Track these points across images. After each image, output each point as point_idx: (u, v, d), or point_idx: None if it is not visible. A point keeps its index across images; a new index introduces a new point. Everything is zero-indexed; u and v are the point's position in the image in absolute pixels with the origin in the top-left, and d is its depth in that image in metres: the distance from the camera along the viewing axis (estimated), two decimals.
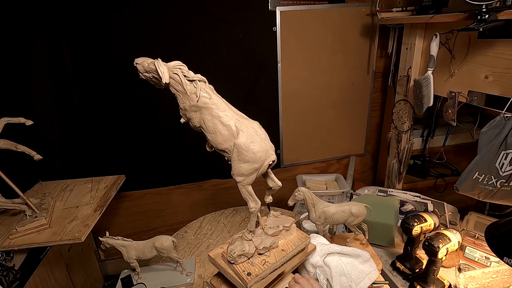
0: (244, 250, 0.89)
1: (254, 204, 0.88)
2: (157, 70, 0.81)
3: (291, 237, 0.98)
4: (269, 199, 0.98)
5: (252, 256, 0.91)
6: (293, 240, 0.97)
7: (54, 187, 1.68)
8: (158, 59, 0.84)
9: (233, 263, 0.88)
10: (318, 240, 1.08)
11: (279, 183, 0.94)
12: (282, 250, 0.94)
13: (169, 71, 0.82)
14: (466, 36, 1.36)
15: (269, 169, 0.90)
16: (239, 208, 1.64)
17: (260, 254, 0.92)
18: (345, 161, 2.43)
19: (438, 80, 1.52)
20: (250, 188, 0.87)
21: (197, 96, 0.82)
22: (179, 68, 0.83)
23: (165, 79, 0.80)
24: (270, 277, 0.90)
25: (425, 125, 2.04)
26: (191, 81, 0.83)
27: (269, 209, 1.04)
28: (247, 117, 0.87)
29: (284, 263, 0.93)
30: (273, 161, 0.85)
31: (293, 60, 1.99)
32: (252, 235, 0.94)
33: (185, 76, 0.82)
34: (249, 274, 0.86)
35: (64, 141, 1.83)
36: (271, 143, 0.85)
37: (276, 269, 0.91)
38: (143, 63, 0.87)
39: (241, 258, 0.89)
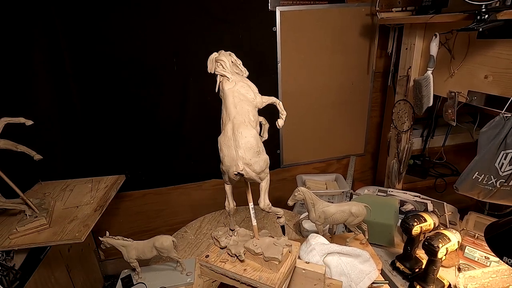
0: (218, 237, 0.95)
1: (226, 203, 0.94)
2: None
3: (265, 271, 0.90)
4: (279, 221, 0.97)
5: (223, 249, 0.96)
6: (262, 275, 0.88)
7: (54, 187, 1.68)
8: (217, 52, 0.96)
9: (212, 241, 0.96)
10: (318, 240, 1.08)
11: (263, 206, 0.90)
12: (244, 269, 0.91)
13: (215, 62, 0.95)
14: (466, 36, 1.36)
15: (262, 187, 0.89)
16: (239, 208, 1.64)
17: (228, 254, 0.94)
18: (345, 161, 2.43)
19: (438, 80, 1.52)
20: (227, 187, 0.93)
21: (217, 87, 0.93)
22: (218, 62, 0.94)
23: (208, 69, 0.96)
24: (217, 277, 0.94)
25: (425, 125, 2.04)
26: (217, 74, 0.94)
27: (283, 233, 1.01)
28: (247, 121, 0.86)
29: (236, 280, 0.91)
30: (239, 174, 0.82)
31: (293, 60, 2.00)
32: (235, 234, 0.98)
33: (216, 69, 0.94)
34: (207, 256, 0.95)
35: (64, 141, 1.83)
36: (247, 157, 0.82)
37: (225, 276, 0.92)
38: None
39: (215, 241, 0.95)
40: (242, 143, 0.81)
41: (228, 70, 0.92)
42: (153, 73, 1.82)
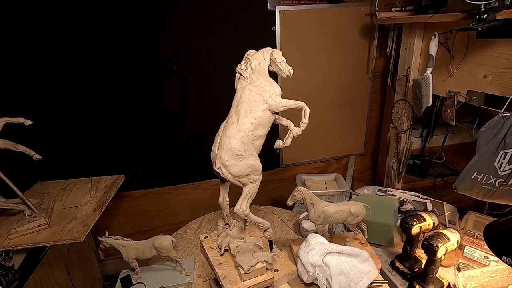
0: (219, 226, 1.05)
1: (219, 197, 0.99)
2: None
3: (233, 275, 0.92)
4: (265, 234, 0.96)
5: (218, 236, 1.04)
6: (228, 276, 0.90)
7: (53, 187, 1.68)
8: (248, 51, 0.93)
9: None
10: (317, 240, 1.08)
11: (235, 210, 0.89)
12: (220, 263, 0.96)
13: (245, 59, 0.93)
14: (465, 36, 1.36)
15: (243, 192, 0.88)
16: None
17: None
18: (345, 161, 2.43)
19: (437, 79, 1.53)
20: (220, 181, 0.97)
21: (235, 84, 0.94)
22: (246, 59, 0.92)
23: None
24: (206, 258, 1.04)
25: (424, 124, 2.05)
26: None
27: (270, 248, 1.00)
28: (240, 123, 0.85)
29: (212, 269, 0.97)
30: (216, 171, 0.84)
31: (293, 60, 1.98)
32: (230, 229, 1.03)
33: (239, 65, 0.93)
34: (206, 237, 1.08)
35: (64, 141, 1.82)
36: (224, 158, 0.82)
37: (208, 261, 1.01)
38: None
39: (218, 227, 1.06)
40: (223, 143, 0.81)
41: (250, 69, 0.90)
42: (153, 73, 1.82)
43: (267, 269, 0.92)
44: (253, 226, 1.22)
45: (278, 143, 0.97)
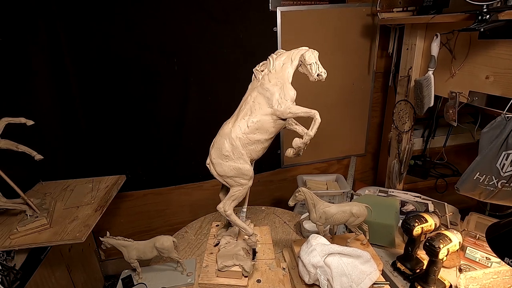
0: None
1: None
2: None
3: (214, 267, 0.94)
4: (248, 242, 0.95)
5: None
6: (209, 266, 0.94)
7: (55, 187, 1.68)
8: (276, 51, 0.94)
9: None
10: (319, 241, 1.07)
11: (218, 207, 0.94)
12: (211, 253, 1.07)
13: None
14: (467, 37, 1.36)
15: (229, 192, 0.90)
16: (240, 208, 1.64)
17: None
18: (346, 161, 2.43)
19: (439, 80, 1.52)
20: None
21: None
22: (268, 59, 0.91)
23: None
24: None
25: (425, 125, 2.04)
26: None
27: (253, 257, 1.01)
28: (237, 124, 0.85)
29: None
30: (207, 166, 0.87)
31: None
32: (232, 225, 1.06)
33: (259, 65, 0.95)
34: (217, 225, 1.23)
35: (65, 141, 1.83)
36: (212, 154, 0.87)
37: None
38: None
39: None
40: (216, 141, 0.82)
41: (267, 71, 0.89)
42: (154, 73, 1.82)
43: (244, 276, 0.91)
44: (263, 232, 1.22)
45: (289, 151, 0.94)
